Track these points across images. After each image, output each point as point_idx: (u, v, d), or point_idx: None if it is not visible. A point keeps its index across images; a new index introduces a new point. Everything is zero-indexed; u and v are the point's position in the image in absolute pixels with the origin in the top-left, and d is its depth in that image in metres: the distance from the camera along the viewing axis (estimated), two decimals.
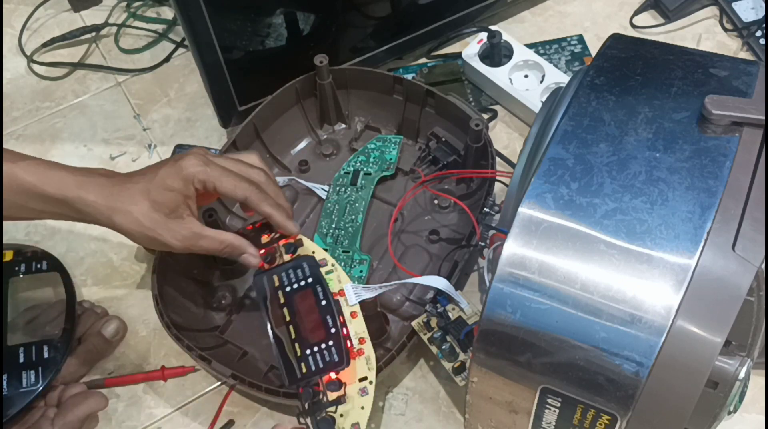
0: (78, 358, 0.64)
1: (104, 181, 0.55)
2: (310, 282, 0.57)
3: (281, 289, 0.58)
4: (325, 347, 0.55)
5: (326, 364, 0.54)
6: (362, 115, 0.77)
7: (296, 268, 0.58)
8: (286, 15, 0.72)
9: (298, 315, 0.56)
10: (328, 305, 0.56)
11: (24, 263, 0.67)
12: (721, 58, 0.53)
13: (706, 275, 0.42)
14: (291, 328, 0.56)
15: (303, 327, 0.55)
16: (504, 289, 0.45)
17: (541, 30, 0.85)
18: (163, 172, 0.55)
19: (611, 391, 0.43)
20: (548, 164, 0.48)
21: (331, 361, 0.54)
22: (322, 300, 0.56)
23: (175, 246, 0.56)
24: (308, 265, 0.58)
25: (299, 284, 0.57)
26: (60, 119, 0.82)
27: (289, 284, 0.57)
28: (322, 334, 0.55)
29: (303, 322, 0.56)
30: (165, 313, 0.62)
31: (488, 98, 0.81)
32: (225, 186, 0.56)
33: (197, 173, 0.55)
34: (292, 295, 0.57)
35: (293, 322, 0.56)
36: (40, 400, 0.61)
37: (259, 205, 0.57)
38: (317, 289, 0.57)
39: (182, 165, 0.55)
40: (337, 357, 0.54)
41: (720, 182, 0.45)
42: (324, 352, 0.55)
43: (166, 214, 0.55)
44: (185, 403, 0.65)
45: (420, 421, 0.63)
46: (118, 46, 0.87)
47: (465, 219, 0.70)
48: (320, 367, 0.54)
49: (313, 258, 0.58)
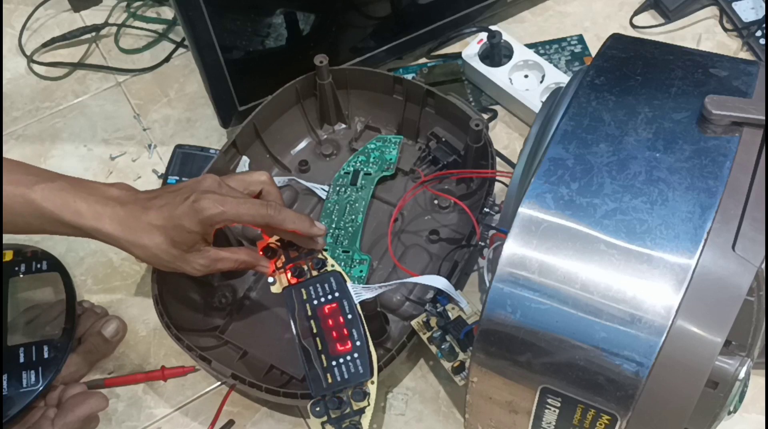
0: (78, 358, 0.64)
1: (120, 212, 0.55)
2: (337, 296, 0.58)
3: (309, 302, 0.59)
4: (351, 359, 0.56)
5: (351, 375, 0.56)
6: (362, 115, 0.77)
7: (323, 283, 0.59)
8: (286, 15, 0.72)
9: (325, 327, 0.57)
10: (354, 319, 0.57)
11: (24, 263, 0.67)
12: (721, 58, 0.53)
13: (706, 275, 0.42)
14: (318, 340, 0.57)
15: (330, 339, 0.57)
16: (504, 289, 0.45)
17: (541, 30, 0.85)
18: (181, 213, 0.54)
19: (611, 391, 0.43)
20: (548, 164, 0.48)
21: (356, 372, 0.56)
22: (348, 313, 0.57)
23: (194, 274, 0.58)
24: (335, 280, 0.59)
25: (326, 298, 0.59)
26: (60, 119, 0.82)
27: (316, 298, 0.59)
28: (349, 347, 0.57)
29: (330, 334, 0.57)
30: (165, 313, 0.62)
31: (488, 98, 0.81)
32: (244, 219, 0.56)
33: (215, 216, 0.55)
34: (319, 309, 0.58)
35: (320, 334, 0.57)
36: (40, 400, 0.61)
37: (282, 224, 0.57)
38: (344, 303, 0.58)
39: (200, 208, 0.54)
40: (362, 369, 0.56)
41: (720, 182, 0.45)
42: (350, 364, 0.56)
43: (185, 250, 0.56)
44: (185, 403, 0.65)
45: (420, 421, 0.63)
46: (118, 46, 0.87)
47: (465, 219, 0.70)
48: (345, 378, 0.56)
49: (340, 274, 0.60)
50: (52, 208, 0.53)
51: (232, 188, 0.58)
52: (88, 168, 0.78)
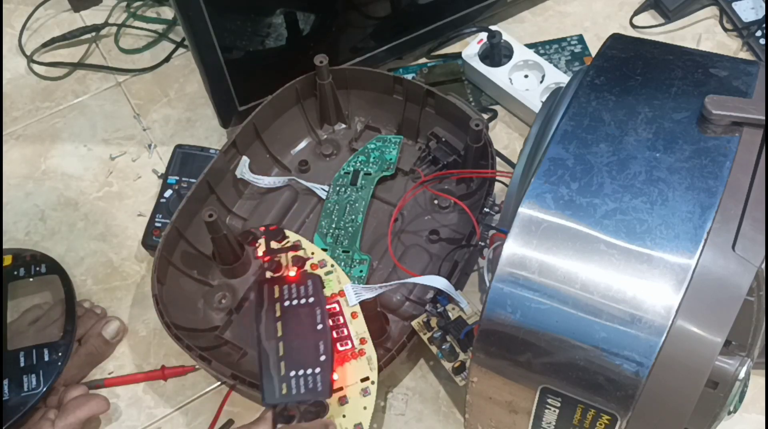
0: (79, 359, 0.64)
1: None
2: (311, 302, 0.54)
3: (280, 302, 0.55)
4: (311, 373, 0.52)
5: (308, 390, 0.52)
6: (362, 115, 0.77)
7: (300, 285, 0.55)
8: (286, 15, 0.72)
9: (292, 333, 0.53)
10: (324, 330, 0.53)
11: (23, 267, 0.67)
12: (721, 58, 0.53)
13: (706, 275, 0.42)
14: (281, 345, 0.53)
15: (294, 347, 0.53)
16: (504, 289, 0.45)
17: (541, 30, 0.85)
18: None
19: (611, 391, 0.43)
20: (548, 164, 0.48)
21: (314, 389, 0.52)
22: (318, 324, 0.54)
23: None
24: (313, 283, 0.55)
25: (299, 301, 0.55)
26: (60, 119, 0.82)
27: (289, 299, 0.55)
28: (312, 360, 0.52)
29: (295, 341, 0.53)
30: (165, 313, 0.62)
31: (488, 98, 0.81)
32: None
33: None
34: (289, 311, 0.54)
35: (285, 338, 0.53)
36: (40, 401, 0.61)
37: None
38: (316, 311, 0.54)
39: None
40: (321, 386, 0.52)
41: (720, 182, 0.45)
42: (308, 378, 0.52)
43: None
44: (185, 403, 0.65)
45: (420, 421, 0.63)
46: (118, 46, 0.87)
47: (465, 219, 0.70)
48: (300, 392, 0.52)
49: (319, 278, 0.55)
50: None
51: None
52: (88, 168, 0.78)
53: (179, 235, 0.67)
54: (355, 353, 0.57)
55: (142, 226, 0.72)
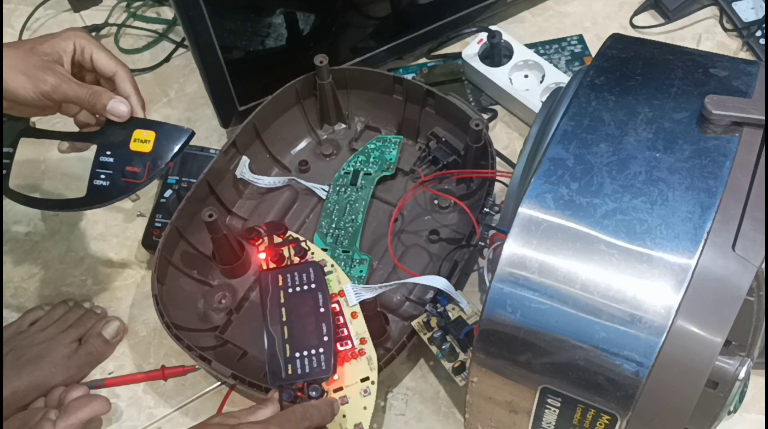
0: (79, 359, 0.64)
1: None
2: (313, 288, 0.58)
3: (284, 289, 0.58)
4: (315, 353, 0.56)
5: (312, 370, 0.55)
6: (362, 115, 0.77)
7: (302, 272, 0.59)
8: (286, 15, 0.72)
9: (295, 317, 0.57)
10: (326, 313, 0.57)
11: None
12: (721, 58, 0.53)
13: (706, 275, 0.42)
14: (285, 329, 0.56)
15: (297, 330, 0.56)
16: (504, 289, 0.45)
17: (541, 30, 0.85)
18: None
19: (611, 391, 0.43)
20: (548, 164, 0.48)
21: (318, 368, 0.55)
22: (321, 307, 0.57)
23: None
24: (314, 270, 0.59)
25: (302, 288, 0.58)
26: (60, 119, 0.82)
27: (292, 286, 0.58)
28: (315, 341, 0.56)
29: (298, 324, 0.56)
30: (165, 313, 0.62)
31: (488, 98, 0.81)
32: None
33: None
34: (292, 297, 0.57)
35: (289, 322, 0.57)
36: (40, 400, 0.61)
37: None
38: (318, 295, 0.57)
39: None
40: (325, 365, 0.55)
41: (720, 182, 0.45)
42: (313, 358, 0.55)
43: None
44: (185, 403, 0.65)
45: (420, 421, 0.63)
46: (118, 46, 0.87)
47: (465, 219, 0.70)
48: (306, 372, 0.55)
49: (319, 265, 0.59)
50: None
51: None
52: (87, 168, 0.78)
53: (179, 235, 0.67)
54: (355, 353, 0.57)
55: (142, 226, 0.72)
